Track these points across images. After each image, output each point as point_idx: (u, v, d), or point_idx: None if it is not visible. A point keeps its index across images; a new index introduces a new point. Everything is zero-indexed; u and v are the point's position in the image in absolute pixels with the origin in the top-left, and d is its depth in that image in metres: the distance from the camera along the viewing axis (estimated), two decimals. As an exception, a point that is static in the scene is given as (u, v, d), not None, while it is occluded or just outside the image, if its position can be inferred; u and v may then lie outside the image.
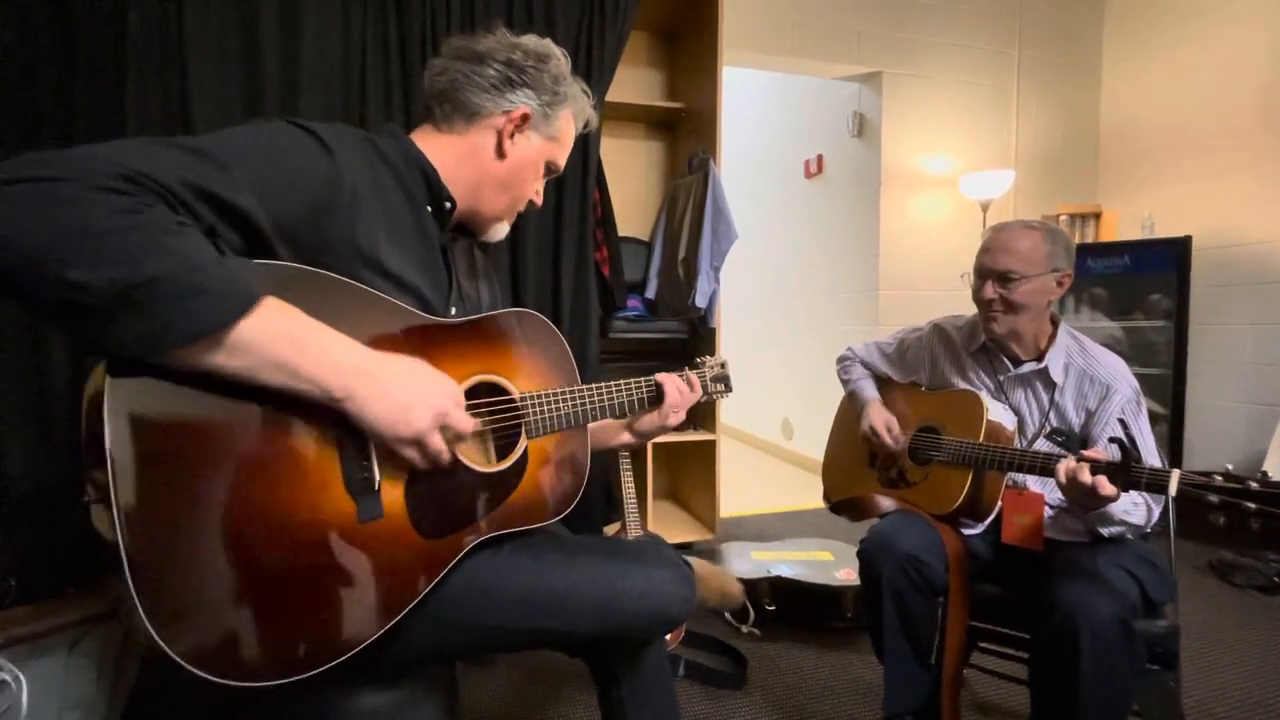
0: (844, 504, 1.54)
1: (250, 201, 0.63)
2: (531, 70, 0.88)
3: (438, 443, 0.72)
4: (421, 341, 0.78)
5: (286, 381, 0.62)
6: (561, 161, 0.98)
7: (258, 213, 0.64)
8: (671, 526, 2.59)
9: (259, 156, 0.66)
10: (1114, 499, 0.97)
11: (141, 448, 0.59)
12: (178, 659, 0.59)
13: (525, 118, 0.89)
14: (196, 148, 0.62)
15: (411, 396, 0.69)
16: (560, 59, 0.92)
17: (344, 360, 0.65)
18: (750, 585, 1.92)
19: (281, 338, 0.61)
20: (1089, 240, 3.24)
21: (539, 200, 0.99)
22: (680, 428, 1.07)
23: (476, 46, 0.89)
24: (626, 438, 1.05)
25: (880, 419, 1.41)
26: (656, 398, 1.01)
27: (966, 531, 1.29)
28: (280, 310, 0.62)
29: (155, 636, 0.58)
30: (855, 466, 1.52)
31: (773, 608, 1.92)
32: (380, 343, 0.73)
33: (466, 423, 0.74)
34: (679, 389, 1.02)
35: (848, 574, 1.92)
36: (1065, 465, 1.02)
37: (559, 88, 0.91)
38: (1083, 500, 1.02)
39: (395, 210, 0.81)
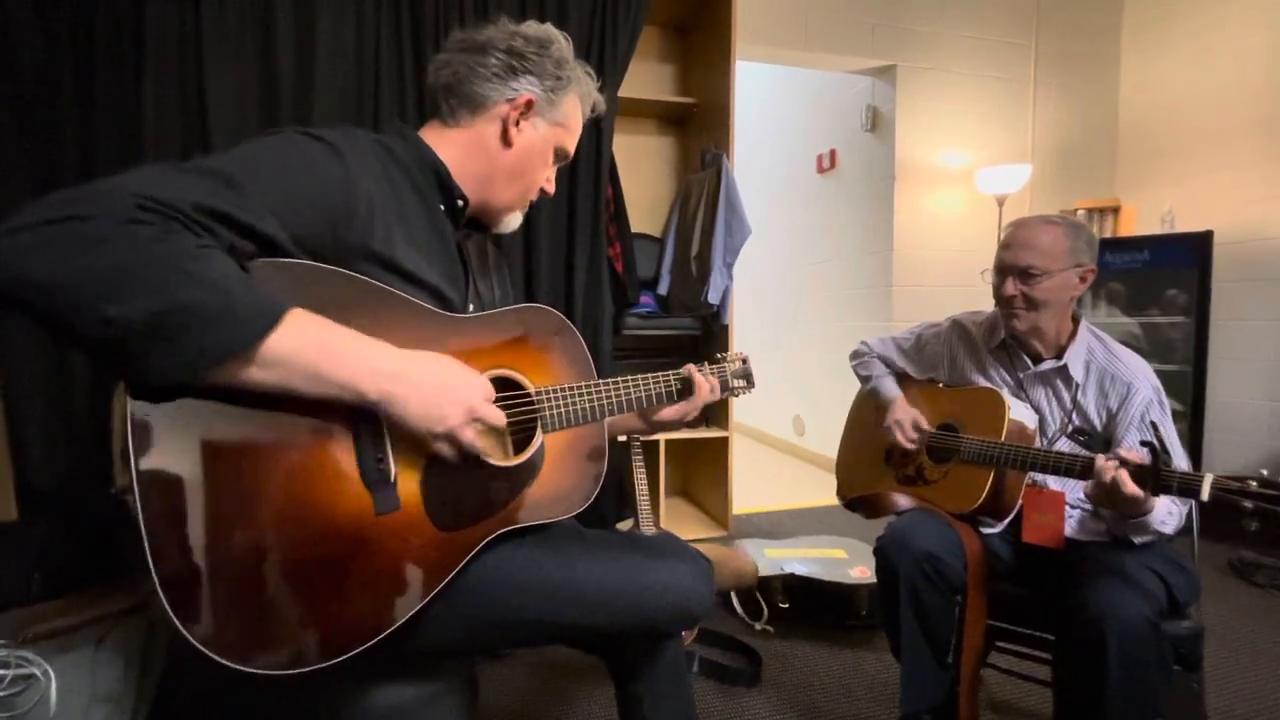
0: (859, 501, 1.53)
1: (268, 221, 0.64)
2: (533, 56, 0.88)
3: (470, 436, 0.73)
4: (437, 337, 0.79)
5: (320, 389, 0.63)
6: (570, 148, 0.97)
7: (276, 231, 0.65)
8: (684, 523, 2.59)
9: (274, 174, 0.67)
10: (1151, 509, 0.95)
11: (161, 445, 0.60)
12: (199, 645, 0.60)
13: (530, 104, 0.89)
14: (212, 170, 0.63)
15: (443, 394, 0.70)
16: (562, 43, 0.92)
17: (375, 363, 0.66)
18: (764, 582, 1.92)
19: (311, 347, 0.62)
20: (1107, 235, 3.19)
21: (550, 189, 0.98)
22: (693, 425, 1.07)
23: (478, 37, 0.89)
24: (640, 425, 1.05)
25: (906, 415, 1.40)
26: (685, 392, 1.01)
27: (985, 530, 1.27)
28: (308, 320, 0.63)
29: (178, 624, 0.60)
30: (870, 463, 1.51)
31: (786, 605, 1.91)
32: (398, 339, 0.74)
33: (497, 416, 0.75)
34: (710, 384, 1.03)
35: (862, 572, 1.91)
36: (1105, 467, 1.00)
37: (562, 72, 0.90)
38: (1121, 507, 1.00)
39: (410, 212, 0.81)
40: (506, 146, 0.89)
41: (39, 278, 0.52)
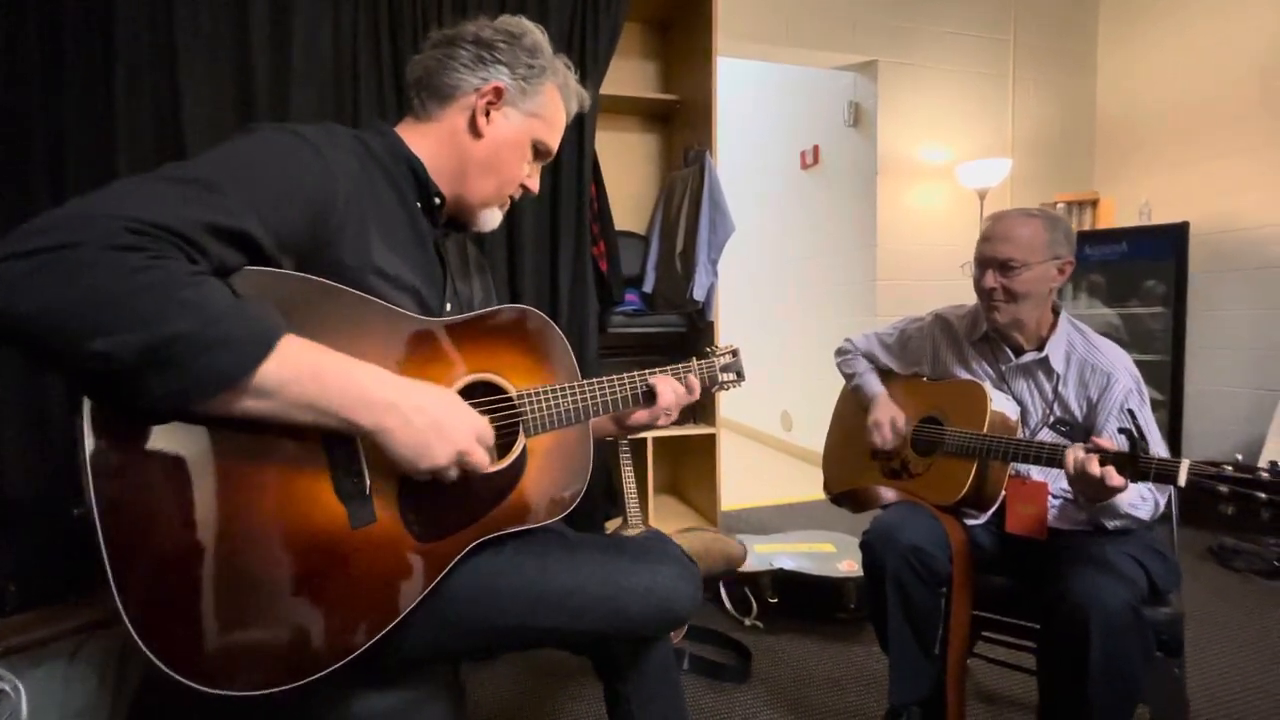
0: (845, 495, 1.54)
1: (251, 222, 0.63)
2: (503, 45, 0.87)
3: (452, 476, 0.72)
4: (418, 342, 0.77)
5: (311, 418, 0.62)
6: (551, 142, 0.94)
7: (260, 232, 0.63)
8: (672, 520, 2.59)
9: (254, 173, 0.65)
10: (1121, 490, 0.96)
11: (124, 463, 0.58)
12: (170, 672, 0.58)
13: (498, 92, 0.87)
14: (192, 178, 0.61)
15: (434, 431, 0.68)
16: (536, 33, 0.90)
17: (369, 393, 0.65)
18: (753, 578, 1.92)
19: (304, 376, 0.61)
20: (1086, 227, 3.23)
21: (533, 186, 0.95)
22: (680, 421, 1.06)
23: (449, 32, 0.88)
24: (611, 429, 1.04)
25: (886, 416, 1.41)
26: (649, 396, 0.99)
27: (969, 521, 1.28)
28: (300, 347, 0.61)
29: (146, 651, 0.57)
30: (856, 458, 1.52)
31: (775, 600, 1.92)
32: (377, 345, 0.73)
33: (483, 461, 0.73)
34: (674, 390, 1.00)
35: (850, 565, 1.92)
36: (1073, 456, 1.01)
37: (535, 61, 0.88)
38: (1090, 492, 1.01)
39: (388, 210, 0.80)
40: (476, 137, 0.87)
41: (26, 310, 0.50)
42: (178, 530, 0.60)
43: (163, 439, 0.60)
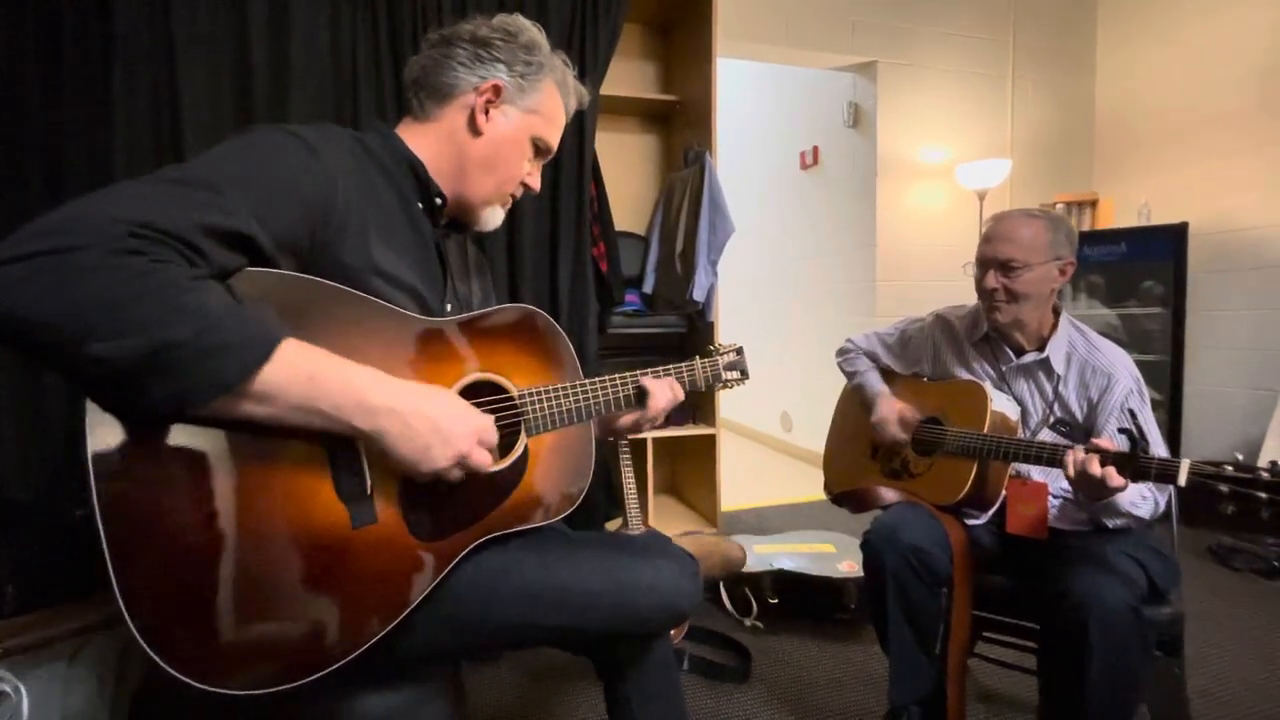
0: (845, 496, 1.54)
1: (250, 224, 0.63)
2: (499, 43, 0.87)
3: (455, 477, 0.72)
4: (419, 342, 0.77)
5: (311, 422, 0.62)
6: (551, 139, 0.94)
7: (259, 233, 0.64)
8: (673, 521, 2.59)
9: (251, 174, 0.66)
10: (1122, 489, 0.97)
11: (125, 464, 0.58)
12: (173, 671, 0.59)
13: (497, 90, 0.87)
14: (190, 180, 0.61)
15: (434, 435, 0.68)
16: (533, 30, 0.90)
17: (368, 397, 0.65)
18: (753, 579, 1.92)
19: (303, 380, 0.61)
20: (1085, 228, 3.23)
21: (534, 183, 0.96)
22: (680, 422, 1.05)
23: (446, 32, 0.88)
24: (597, 433, 1.01)
25: (893, 413, 1.40)
26: (640, 397, 0.97)
27: (970, 521, 1.28)
28: (300, 351, 0.61)
29: (149, 650, 0.58)
30: (857, 458, 1.52)
31: (776, 601, 1.92)
32: (377, 346, 0.73)
33: (485, 462, 0.73)
34: (671, 389, 0.98)
35: (850, 566, 1.92)
36: (1073, 456, 1.02)
37: (532, 58, 0.89)
38: (1091, 491, 1.01)
39: (387, 210, 0.80)
40: (475, 135, 0.88)
41: (26, 314, 0.50)
42: (179, 531, 0.60)
43: (164, 440, 0.60)
